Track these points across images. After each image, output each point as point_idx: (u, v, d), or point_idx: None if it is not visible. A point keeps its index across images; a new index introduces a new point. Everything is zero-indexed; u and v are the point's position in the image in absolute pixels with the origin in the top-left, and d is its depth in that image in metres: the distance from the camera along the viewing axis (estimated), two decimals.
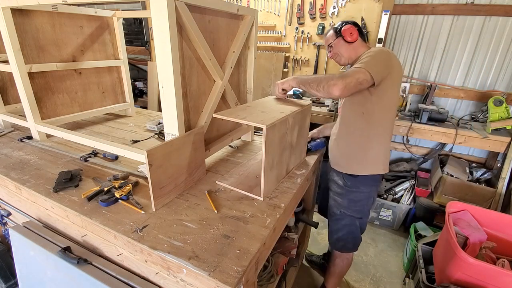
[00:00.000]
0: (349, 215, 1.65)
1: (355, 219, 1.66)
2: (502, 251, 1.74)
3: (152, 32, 2.47)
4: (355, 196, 1.61)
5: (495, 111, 2.30)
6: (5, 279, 1.74)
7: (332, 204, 1.71)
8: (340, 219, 1.69)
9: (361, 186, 1.58)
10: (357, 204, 1.62)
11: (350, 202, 1.63)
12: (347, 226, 1.68)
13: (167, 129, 1.20)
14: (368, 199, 1.63)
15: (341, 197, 1.64)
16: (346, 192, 1.62)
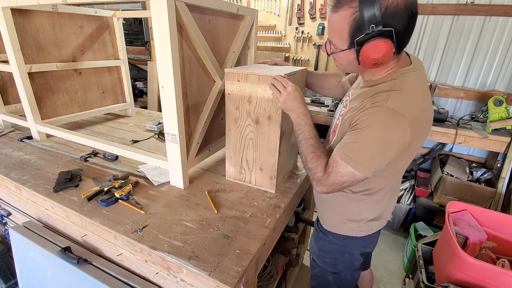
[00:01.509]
0: (319, 265, 1.27)
1: (327, 273, 1.25)
2: (502, 251, 1.74)
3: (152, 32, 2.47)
4: (323, 245, 1.23)
5: (495, 111, 2.30)
6: (5, 279, 1.74)
7: (309, 244, 1.38)
8: (313, 267, 1.33)
9: (330, 236, 1.18)
10: (327, 255, 1.23)
11: (319, 251, 1.26)
12: (318, 277, 1.30)
13: (167, 129, 1.20)
14: (341, 254, 1.19)
15: (314, 239, 1.31)
16: (316, 236, 1.27)
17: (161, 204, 1.19)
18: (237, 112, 1.24)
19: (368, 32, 0.76)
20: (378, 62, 0.81)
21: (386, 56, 0.80)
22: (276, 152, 1.22)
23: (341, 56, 0.89)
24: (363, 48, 0.80)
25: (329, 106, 2.93)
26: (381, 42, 0.77)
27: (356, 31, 0.79)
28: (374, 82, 0.92)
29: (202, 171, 1.48)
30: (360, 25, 0.77)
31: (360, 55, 0.81)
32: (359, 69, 0.92)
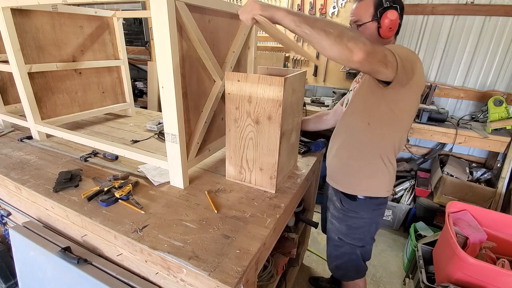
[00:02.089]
0: (348, 242, 1.41)
1: (356, 248, 1.42)
2: (502, 251, 1.74)
3: (152, 32, 2.47)
4: (354, 222, 1.37)
5: (495, 111, 2.30)
6: (5, 279, 1.74)
7: (330, 228, 1.50)
8: (339, 246, 1.46)
9: (361, 211, 1.34)
10: (357, 231, 1.38)
11: (348, 229, 1.39)
12: (346, 254, 1.45)
13: (167, 129, 1.20)
14: (370, 226, 1.38)
15: (338, 221, 1.42)
16: (344, 217, 1.39)
17: (161, 204, 1.19)
18: (237, 112, 1.24)
19: (386, 5, 1.15)
20: (392, 26, 1.15)
21: (396, 22, 1.15)
22: (276, 152, 1.22)
23: (366, 28, 1.19)
24: (383, 15, 1.14)
25: (329, 106, 2.93)
26: (394, 11, 1.15)
27: (378, 5, 1.16)
28: None
29: (202, 171, 1.48)
30: (381, 1, 1.16)
31: (382, 20, 1.15)
32: (376, 41, 1.19)
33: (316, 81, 3.28)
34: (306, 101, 3.06)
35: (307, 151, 1.72)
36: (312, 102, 3.11)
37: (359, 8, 1.20)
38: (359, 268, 1.48)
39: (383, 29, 1.15)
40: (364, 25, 1.19)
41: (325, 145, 1.81)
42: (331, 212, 1.48)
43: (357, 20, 1.20)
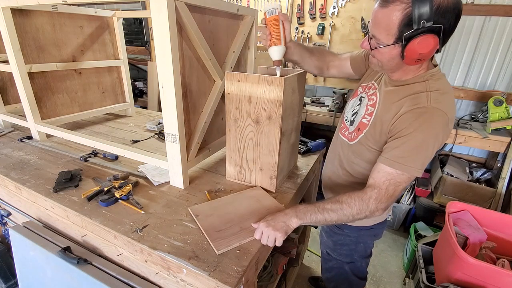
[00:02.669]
0: (335, 258, 1.36)
1: (344, 263, 1.35)
2: (502, 251, 1.74)
3: (152, 32, 2.47)
4: (339, 239, 1.31)
5: (495, 111, 2.30)
6: (5, 279, 1.74)
7: (320, 240, 1.47)
8: (327, 260, 1.42)
9: (346, 229, 1.27)
10: (343, 248, 1.32)
11: (334, 245, 1.34)
12: (335, 268, 1.40)
13: (167, 129, 1.20)
14: (356, 245, 1.28)
15: (326, 235, 1.39)
16: (330, 232, 1.35)
17: (161, 204, 1.19)
18: (237, 112, 1.24)
19: (418, 27, 0.77)
20: (422, 58, 0.83)
21: (431, 53, 0.82)
22: (276, 152, 1.22)
23: (383, 51, 0.88)
24: (410, 43, 0.80)
25: (329, 106, 2.93)
26: (430, 38, 0.78)
27: (406, 26, 0.79)
28: (402, 82, 0.95)
29: (202, 171, 1.48)
30: (411, 20, 0.77)
31: (406, 50, 0.82)
32: (398, 65, 0.92)
33: (316, 81, 3.28)
34: (306, 101, 3.05)
35: (307, 151, 1.72)
36: (312, 102, 3.11)
37: (378, 20, 0.84)
38: (352, 283, 1.38)
39: (407, 58, 0.84)
40: (382, 49, 0.87)
41: (325, 145, 1.81)
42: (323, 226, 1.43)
43: (375, 35, 0.87)
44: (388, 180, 0.90)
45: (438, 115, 0.84)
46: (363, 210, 0.91)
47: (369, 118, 1.02)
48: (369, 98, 1.08)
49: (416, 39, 0.79)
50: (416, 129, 0.85)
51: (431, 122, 0.84)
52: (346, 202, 0.93)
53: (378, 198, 0.90)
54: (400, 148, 0.88)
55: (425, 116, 0.84)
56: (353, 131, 1.10)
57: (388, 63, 0.92)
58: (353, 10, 2.89)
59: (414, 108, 0.86)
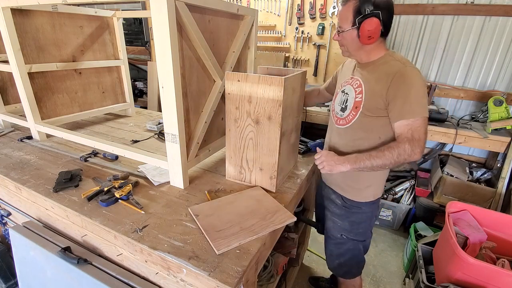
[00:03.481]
0: (352, 239, 1.44)
1: (359, 243, 1.46)
2: (502, 251, 1.74)
3: (152, 32, 2.47)
4: (357, 217, 1.41)
5: (495, 111, 2.30)
6: (5, 279, 1.74)
7: (331, 226, 1.50)
8: (342, 243, 1.48)
9: (363, 206, 1.38)
10: (360, 226, 1.42)
11: (352, 225, 1.42)
12: (350, 250, 1.47)
13: (167, 129, 1.20)
14: (371, 219, 1.44)
15: (341, 218, 1.44)
16: (346, 213, 1.41)
17: (161, 204, 1.19)
18: (237, 112, 1.24)
19: (364, 13, 1.11)
20: (371, 35, 1.13)
21: (376, 30, 1.12)
22: (276, 152, 1.22)
23: (346, 36, 1.19)
24: (361, 25, 1.12)
25: (329, 106, 2.93)
26: (373, 20, 1.11)
27: (357, 13, 1.13)
28: (372, 62, 1.22)
29: (202, 171, 1.48)
30: (360, 9, 1.12)
31: (360, 29, 1.13)
32: (358, 46, 1.19)
33: (316, 81, 3.28)
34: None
35: (307, 151, 1.72)
36: None
37: (340, 15, 1.20)
38: (360, 263, 1.53)
39: (361, 38, 1.15)
40: (345, 33, 1.19)
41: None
42: (331, 210, 1.47)
43: (340, 27, 1.21)
44: (409, 129, 1.11)
45: (414, 71, 1.13)
46: (401, 154, 1.11)
47: (361, 96, 1.22)
48: (352, 84, 1.29)
49: (364, 21, 1.12)
50: (406, 86, 1.11)
51: (412, 76, 1.11)
52: (387, 149, 1.13)
53: (411, 143, 1.10)
54: (403, 104, 1.11)
55: (406, 75, 1.12)
56: (349, 112, 1.27)
57: (350, 45, 1.21)
58: None
59: (395, 74, 1.12)
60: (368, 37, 1.13)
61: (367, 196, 1.37)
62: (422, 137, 1.11)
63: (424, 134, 1.12)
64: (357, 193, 1.37)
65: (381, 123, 1.20)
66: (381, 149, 1.15)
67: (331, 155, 1.23)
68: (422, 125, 1.11)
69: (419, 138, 1.10)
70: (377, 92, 1.17)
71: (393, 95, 1.13)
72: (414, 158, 1.11)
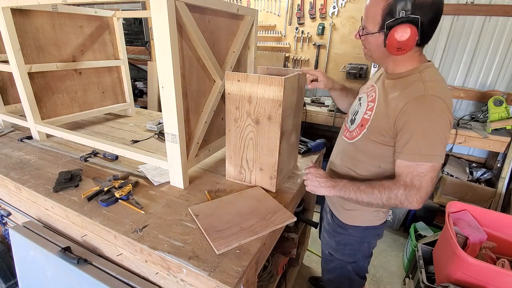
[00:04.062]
0: (338, 258, 1.35)
1: (346, 264, 1.35)
2: (502, 251, 1.74)
3: (152, 32, 2.47)
4: (342, 239, 1.30)
5: (495, 111, 2.30)
6: (5, 279, 1.74)
7: (322, 241, 1.45)
8: (330, 261, 1.41)
9: (349, 229, 1.26)
10: (346, 248, 1.31)
11: (337, 245, 1.33)
12: (337, 269, 1.39)
13: (167, 129, 1.20)
14: (360, 244, 1.29)
15: (328, 236, 1.37)
16: (333, 232, 1.33)
17: (161, 204, 1.19)
18: (237, 112, 1.24)
19: (398, 17, 0.87)
20: (402, 47, 0.89)
21: (410, 42, 0.88)
22: (276, 152, 1.22)
23: (370, 40, 0.98)
24: (391, 31, 0.89)
25: (329, 106, 2.93)
26: (407, 28, 0.86)
27: (387, 15, 0.89)
28: (398, 75, 1.00)
29: (202, 171, 1.48)
30: (392, 10, 0.87)
31: (388, 37, 0.90)
32: (384, 54, 0.98)
33: None
34: (306, 101, 3.05)
35: (307, 151, 1.72)
36: (312, 102, 3.11)
37: (367, 10, 0.95)
38: (353, 282, 1.39)
39: (388, 48, 0.92)
40: (369, 35, 0.96)
41: (325, 145, 1.81)
42: (324, 224, 1.43)
43: (364, 26, 0.98)
44: (410, 173, 0.92)
45: (437, 102, 0.88)
46: (391, 198, 0.94)
47: (370, 113, 1.04)
48: (369, 95, 1.11)
49: (396, 27, 0.87)
50: (419, 118, 0.88)
51: (433, 109, 0.88)
52: (378, 188, 0.97)
53: (406, 190, 0.92)
54: (410, 140, 0.90)
55: (426, 104, 0.88)
56: (355, 128, 1.12)
57: (375, 51, 1.00)
58: (353, 10, 2.89)
59: (413, 98, 0.90)
60: (398, 48, 0.90)
61: (354, 219, 1.23)
62: (424, 186, 0.90)
63: (429, 183, 0.90)
64: (344, 214, 1.25)
65: (384, 152, 1.02)
66: (372, 185, 0.98)
67: (319, 174, 1.10)
68: (428, 172, 0.89)
69: (420, 186, 0.90)
70: (385, 116, 0.97)
71: (401, 125, 0.91)
72: (409, 207, 0.94)
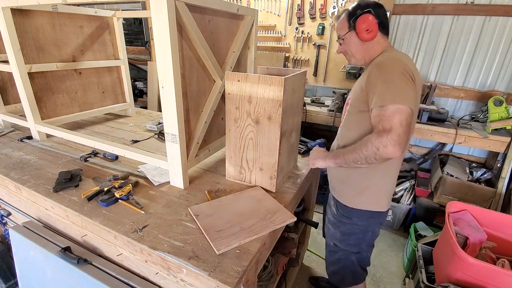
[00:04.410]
0: (343, 249, 1.39)
1: (351, 254, 1.39)
2: (502, 251, 1.74)
3: (152, 32, 2.47)
4: (347, 228, 1.34)
5: (495, 111, 2.30)
6: (5, 279, 1.74)
7: (326, 233, 1.49)
8: (334, 252, 1.45)
9: (354, 218, 1.30)
10: (351, 237, 1.35)
11: (342, 235, 1.37)
12: (341, 260, 1.43)
13: (167, 129, 1.20)
14: (364, 233, 1.33)
15: (333, 227, 1.41)
16: (338, 223, 1.37)
17: (161, 204, 1.19)
18: (237, 112, 1.24)
19: (355, 15, 1.15)
20: (368, 28, 1.13)
21: (372, 23, 1.12)
22: (276, 152, 1.22)
23: (348, 40, 1.21)
24: (356, 22, 1.14)
25: (329, 106, 2.93)
26: (366, 15, 1.13)
27: (350, 17, 1.17)
28: (370, 61, 1.19)
29: (202, 171, 1.48)
30: (351, 14, 1.17)
31: (356, 27, 1.15)
32: (362, 47, 1.19)
33: (316, 81, 3.28)
34: (306, 101, 3.05)
35: (307, 151, 1.72)
36: (312, 102, 3.11)
37: (337, 28, 1.24)
38: (356, 274, 1.44)
39: (361, 34, 1.15)
40: (345, 38, 1.21)
41: (325, 145, 1.81)
42: (328, 217, 1.46)
43: (339, 36, 1.24)
44: (380, 120, 1.00)
45: (390, 59, 1.08)
46: (368, 147, 1.01)
47: (350, 95, 1.24)
48: None
49: (358, 19, 1.14)
50: (378, 75, 1.05)
51: (387, 65, 1.07)
52: (359, 144, 1.07)
53: (379, 135, 0.99)
54: (376, 95, 1.03)
55: (382, 65, 1.08)
56: (343, 112, 1.30)
57: (354, 47, 1.21)
58: None
59: (373, 65, 1.10)
60: (366, 30, 1.13)
61: (360, 203, 1.26)
62: (394, 127, 0.95)
63: (398, 125, 0.95)
64: (349, 198, 1.29)
65: (362, 119, 1.13)
66: (355, 145, 1.10)
67: (319, 151, 1.28)
68: (395, 113, 0.96)
69: (390, 128, 0.95)
70: (359, 89, 1.14)
71: (368, 88, 1.07)
72: (386, 153, 0.97)
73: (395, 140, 0.95)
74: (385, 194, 1.26)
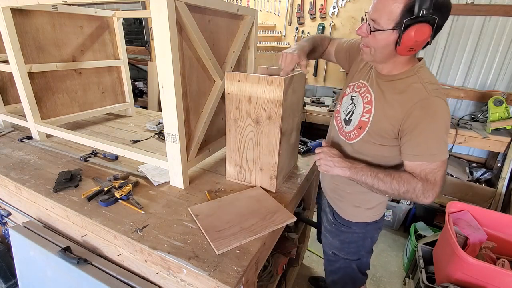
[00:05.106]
0: (343, 257, 1.35)
1: (351, 262, 1.35)
2: (502, 251, 1.74)
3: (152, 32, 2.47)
4: (347, 237, 1.30)
5: (495, 111, 2.30)
6: (5, 279, 1.74)
7: (324, 242, 1.44)
8: (334, 261, 1.40)
9: (353, 226, 1.27)
10: (351, 246, 1.32)
11: (342, 244, 1.33)
12: (342, 269, 1.39)
13: (167, 129, 1.20)
14: (364, 240, 1.30)
15: (331, 235, 1.36)
16: (336, 231, 1.33)
17: (161, 204, 1.19)
18: (237, 112, 1.24)
19: (418, 15, 0.82)
20: (415, 47, 0.87)
21: (423, 43, 0.87)
22: (276, 152, 1.22)
23: (380, 37, 0.91)
24: (408, 30, 0.84)
25: (329, 106, 2.93)
26: (425, 27, 0.83)
27: (407, 12, 0.83)
28: (394, 77, 0.99)
29: (202, 171, 1.48)
30: (413, 7, 0.81)
31: (404, 36, 0.85)
32: (390, 54, 0.94)
33: (316, 81, 3.28)
34: (306, 101, 3.05)
35: (307, 151, 1.72)
36: (312, 102, 3.11)
37: (382, 5, 0.86)
38: (356, 280, 1.41)
39: (401, 47, 0.87)
40: (380, 32, 0.89)
41: None
42: (324, 225, 1.42)
43: (374, 21, 0.89)
44: (424, 170, 0.95)
45: (440, 104, 0.91)
46: (409, 191, 0.96)
47: (368, 116, 1.04)
48: (363, 96, 1.09)
49: (414, 26, 0.83)
50: (427, 121, 0.91)
51: (437, 111, 0.91)
52: (397, 179, 0.97)
53: (424, 185, 0.94)
54: (420, 143, 0.93)
55: (431, 107, 0.91)
56: (353, 130, 1.11)
57: (381, 50, 0.94)
58: (353, 10, 2.89)
59: (417, 101, 0.92)
60: (410, 48, 0.87)
61: (359, 217, 1.24)
62: (438, 181, 0.94)
63: (443, 178, 0.95)
64: (346, 211, 1.26)
65: (385, 153, 1.05)
66: (392, 175, 0.98)
67: (333, 153, 1.06)
68: (440, 167, 0.94)
69: (435, 181, 0.94)
70: (388, 119, 0.98)
71: (409, 129, 0.94)
72: (422, 202, 0.97)
73: (437, 193, 0.95)
74: (383, 205, 1.26)
